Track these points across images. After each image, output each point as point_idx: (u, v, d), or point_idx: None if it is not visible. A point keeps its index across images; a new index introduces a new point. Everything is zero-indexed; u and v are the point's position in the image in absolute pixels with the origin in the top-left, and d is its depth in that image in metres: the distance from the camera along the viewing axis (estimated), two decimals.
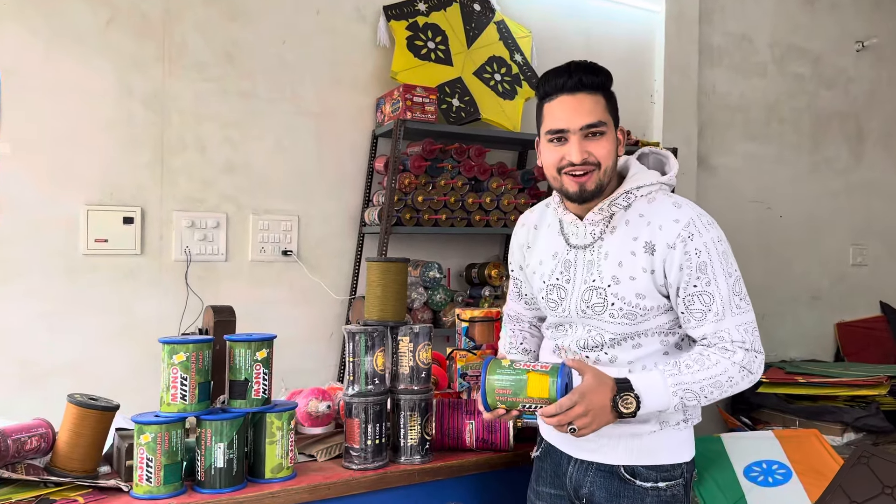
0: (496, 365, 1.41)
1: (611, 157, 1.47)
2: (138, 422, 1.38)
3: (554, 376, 1.36)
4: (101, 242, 2.77)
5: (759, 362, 1.46)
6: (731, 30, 4.37)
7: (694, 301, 1.44)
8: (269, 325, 3.00)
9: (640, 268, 1.46)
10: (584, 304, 1.51)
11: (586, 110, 1.45)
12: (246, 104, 3.02)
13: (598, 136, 1.46)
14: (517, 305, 1.78)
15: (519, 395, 1.37)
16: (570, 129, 1.45)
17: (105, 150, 2.79)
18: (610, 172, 1.48)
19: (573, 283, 1.54)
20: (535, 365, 1.39)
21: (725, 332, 1.43)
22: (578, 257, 1.54)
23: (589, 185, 1.46)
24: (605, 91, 1.49)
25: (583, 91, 1.46)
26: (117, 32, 2.80)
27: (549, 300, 1.58)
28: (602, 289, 1.48)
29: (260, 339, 1.46)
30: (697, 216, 1.46)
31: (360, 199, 3.25)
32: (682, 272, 1.43)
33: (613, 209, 1.50)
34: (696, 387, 1.42)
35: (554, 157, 1.48)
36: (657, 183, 1.52)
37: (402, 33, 3.22)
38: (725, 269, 1.44)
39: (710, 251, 1.43)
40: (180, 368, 1.40)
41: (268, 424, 1.47)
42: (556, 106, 1.47)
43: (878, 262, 5.00)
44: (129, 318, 2.82)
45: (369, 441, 1.56)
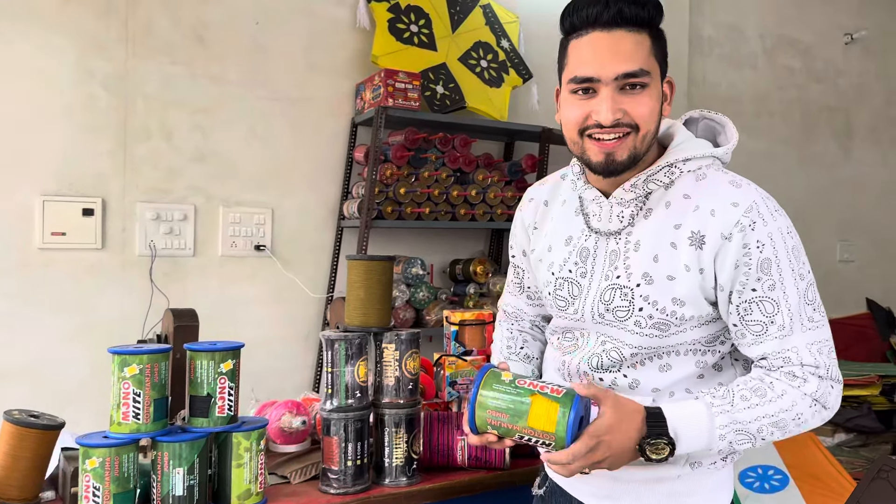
0: (494, 378, 1.11)
1: (653, 119, 1.14)
2: (84, 444, 1.21)
3: (567, 406, 1.06)
4: (58, 236, 2.57)
5: (836, 394, 1.13)
6: (721, 20, 4.29)
7: (752, 310, 1.12)
8: (241, 325, 2.84)
9: (683, 265, 1.13)
10: (604, 307, 1.20)
11: (625, 54, 1.11)
12: (216, 89, 2.83)
13: (639, 88, 1.12)
14: (517, 300, 1.45)
15: (517, 422, 1.08)
16: (602, 79, 1.11)
17: (63, 136, 2.59)
18: (650, 139, 1.15)
19: (590, 279, 1.22)
20: (543, 386, 1.09)
21: (793, 353, 1.11)
22: (600, 246, 1.22)
23: (620, 153, 1.13)
24: (653, 28, 1.15)
25: (622, 27, 1.11)
26: (77, 10, 2.60)
27: (558, 297, 1.27)
28: (628, 289, 1.17)
29: (225, 348, 1.29)
30: (762, 199, 1.13)
31: (338, 190, 3.08)
32: (739, 271, 1.11)
33: (651, 186, 1.17)
34: (753, 427, 1.11)
35: (577, 114, 1.14)
36: (710, 156, 1.20)
37: (383, 15, 3.04)
38: (796, 269, 1.12)
39: (776, 245, 1.11)
40: (133, 383, 1.22)
41: (234, 445, 1.30)
42: (586, 45, 1.13)
43: (864, 258, 4.97)
44: (89, 318, 2.63)
45: (349, 462, 1.39)
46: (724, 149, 1.22)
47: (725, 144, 1.24)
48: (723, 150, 1.21)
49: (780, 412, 1.10)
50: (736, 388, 1.13)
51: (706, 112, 1.29)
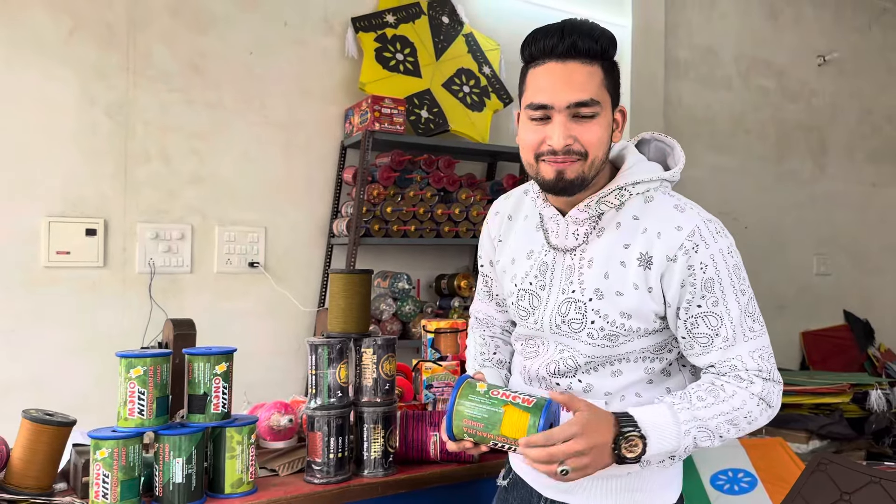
0: (469, 389, 1.20)
1: (602, 147, 1.22)
2: (95, 437, 1.36)
3: (536, 416, 1.14)
4: (62, 255, 2.72)
5: (777, 393, 1.23)
6: (696, 43, 4.44)
7: (698, 324, 1.22)
8: (236, 338, 2.96)
9: (632, 283, 1.23)
10: (560, 318, 1.29)
11: (577, 84, 1.18)
12: (212, 115, 2.99)
13: (589, 118, 1.19)
14: (487, 307, 1.55)
15: (491, 430, 1.16)
16: (556, 106, 1.19)
17: (67, 160, 2.74)
18: (598, 165, 1.22)
19: (548, 291, 1.31)
20: (515, 396, 1.18)
21: (738, 360, 1.21)
22: (557, 261, 1.30)
23: (569, 173, 1.20)
24: (605, 61, 1.22)
25: (576, 59, 1.19)
26: (80, 42, 2.77)
27: (520, 308, 1.35)
28: (582, 302, 1.26)
29: (219, 352, 1.45)
30: (704, 223, 1.22)
31: (328, 210, 3.24)
32: (685, 290, 1.21)
33: (602, 207, 1.26)
34: (713, 423, 1.18)
35: (533, 139, 1.22)
36: (658, 179, 1.27)
37: (370, 45, 3.22)
38: (737, 286, 1.21)
39: (718, 265, 1.20)
40: (137, 383, 1.38)
41: (227, 439, 1.45)
42: (542, 74, 1.21)
43: (841, 271, 5.09)
44: (92, 332, 2.77)
45: (332, 455, 1.55)
46: (671, 172, 1.30)
47: (673, 166, 1.32)
48: (670, 173, 1.30)
49: (733, 410, 1.19)
50: (692, 391, 1.22)
51: (657, 134, 1.38)
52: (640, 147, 1.38)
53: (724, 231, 1.25)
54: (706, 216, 1.25)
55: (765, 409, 1.22)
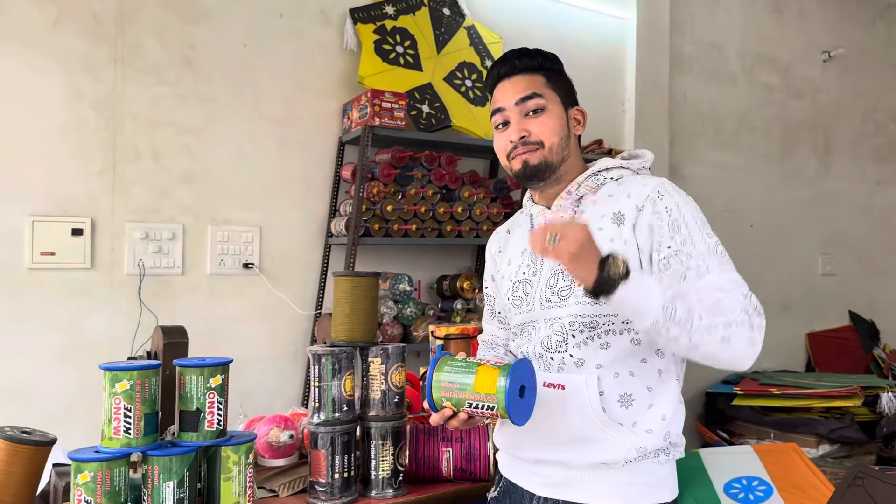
0: (448, 359, 1.28)
1: (556, 133, 1.39)
2: (76, 459, 1.23)
3: (505, 372, 1.20)
4: (47, 256, 2.59)
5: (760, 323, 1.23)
6: (701, 39, 4.36)
7: (670, 263, 1.28)
8: (229, 343, 2.85)
9: (609, 239, 1.33)
10: (550, 291, 1.39)
11: (520, 87, 1.40)
12: (205, 109, 2.86)
13: (538, 112, 1.39)
14: (491, 326, 1.64)
15: (465, 390, 1.21)
16: (506, 107, 1.40)
17: (52, 157, 2.61)
18: (558, 150, 1.39)
19: (539, 274, 1.43)
20: (487, 360, 1.26)
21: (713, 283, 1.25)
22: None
23: (532, 159, 1.37)
24: (545, 71, 1.43)
25: (518, 73, 1.41)
26: (66, 32, 2.64)
27: (515, 298, 1.46)
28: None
29: (214, 363, 1.32)
30: (668, 183, 1.37)
31: (325, 208, 3.11)
32: (653, 233, 1.30)
33: (581, 191, 1.42)
34: (693, 296, 1.21)
35: (501, 143, 1.43)
36: (627, 168, 1.44)
37: (369, 37, 3.10)
38: (703, 229, 1.31)
39: (682, 211, 1.31)
40: (123, 398, 1.25)
41: (223, 459, 1.33)
42: (497, 92, 1.44)
43: (846, 271, 5.02)
44: (78, 337, 2.64)
45: (337, 474, 1.42)
46: (637, 162, 1.46)
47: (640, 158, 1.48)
48: (637, 162, 1.46)
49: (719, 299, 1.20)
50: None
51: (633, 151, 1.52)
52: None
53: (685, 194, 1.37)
54: (672, 183, 1.38)
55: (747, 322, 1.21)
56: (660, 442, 1.32)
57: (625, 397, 1.32)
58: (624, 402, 1.32)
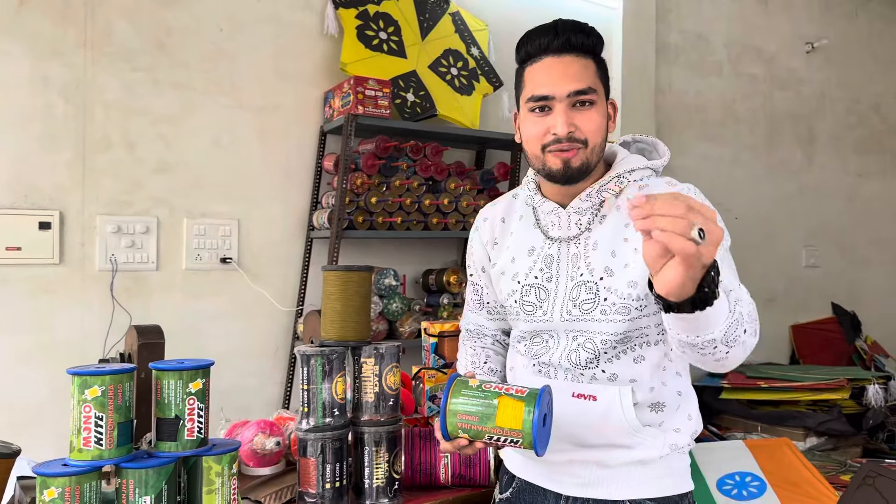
0: (462, 385, 1.17)
1: (600, 133, 1.28)
2: (42, 474, 1.12)
3: (531, 404, 1.13)
4: (12, 251, 2.46)
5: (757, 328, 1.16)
6: (687, 28, 4.31)
7: None
8: (207, 341, 2.74)
9: (633, 248, 1.25)
10: (572, 304, 1.30)
11: (575, 75, 1.25)
12: (180, 97, 2.74)
13: (588, 105, 1.26)
14: (478, 317, 1.54)
15: (486, 423, 1.13)
16: (556, 96, 1.25)
17: (18, 146, 2.47)
18: (598, 152, 1.29)
19: (556, 282, 1.32)
20: (509, 388, 1.16)
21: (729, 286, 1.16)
22: (562, 251, 1.33)
23: (574, 161, 1.26)
24: (596, 56, 1.30)
25: (571, 53, 1.27)
26: (32, 14, 2.50)
27: (525, 303, 1.35)
28: (593, 283, 1.28)
29: (194, 367, 1.21)
30: (694, 188, 1.29)
31: (307, 200, 3.00)
32: None
33: (603, 195, 1.31)
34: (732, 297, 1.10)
35: (537, 130, 1.28)
36: (647, 167, 1.35)
37: (351, 22, 2.99)
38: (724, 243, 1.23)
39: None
40: (94, 406, 1.14)
41: (204, 470, 1.22)
42: (540, 69, 1.28)
43: (829, 263, 5.03)
44: (47, 337, 2.51)
45: (328, 484, 1.32)
46: (660, 161, 1.37)
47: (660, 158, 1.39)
48: (660, 162, 1.37)
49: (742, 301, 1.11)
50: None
51: (637, 136, 1.45)
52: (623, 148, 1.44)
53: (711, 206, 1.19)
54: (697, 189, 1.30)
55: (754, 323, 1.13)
56: (688, 439, 1.34)
57: (656, 405, 1.31)
58: (655, 408, 1.31)
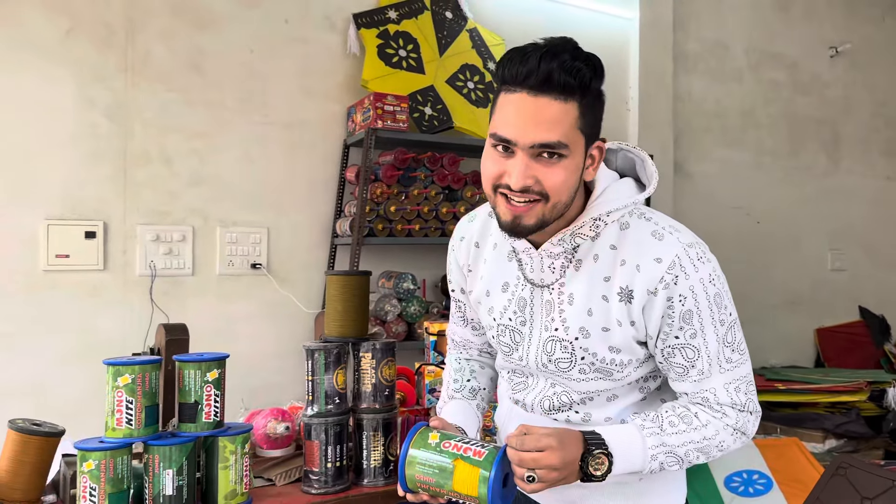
0: (421, 441, 1.15)
1: (565, 190, 1.11)
2: (81, 448, 1.31)
3: (487, 469, 1.09)
4: (62, 258, 2.68)
5: (753, 423, 1.22)
6: (705, 36, 4.36)
7: (675, 354, 1.20)
8: (238, 341, 2.93)
9: (615, 319, 1.19)
10: (546, 357, 1.25)
11: (546, 123, 1.07)
12: (213, 115, 2.95)
13: (556, 158, 1.09)
14: (463, 330, 1.48)
15: (443, 485, 1.11)
16: (519, 143, 1.09)
17: (66, 162, 2.70)
18: (560, 208, 1.13)
19: (530, 328, 1.26)
20: (467, 448, 1.12)
21: (710, 393, 1.20)
22: (535, 296, 1.25)
23: (528, 219, 1.12)
24: (585, 95, 1.10)
25: (550, 93, 1.07)
26: (77, 42, 2.73)
27: (502, 343, 1.31)
28: (567, 341, 1.22)
29: (210, 358, 1.39)
30: (684, 250, 1.16)
31: (331, 209, 3.19)
32: (663, 321, 1.18)
33: (577, 240, 1.18)
34: (681, 451, 1.18)
35: (492, 170, 1.12)
36: (632, 203, 1.19)
37: (372, 41, 3.17)
38: (716, 316, 1.18)
39: (697, 297, 1.16)
40: (125, 391, 1.33)
41: (220, 449, 1.40)
42: (511, 105, 1.09)
43: (856, 266, 5.00)
44: (92, 337, 2.73)
45: (330, 464, 1.49)
46: (643, 195, 1.21)
47: (643, 178, 1.24)
48: (643, 195, 1.21)
49: (705, 440, 1.19)
50: (665, 414, 1.20)
51: (624, 144, 1.28)
52: (607, 157, 1.29)
53: (706, 255, 1.19)
54: (687, 240, 1.18)
55: (739, 437, 1.21)
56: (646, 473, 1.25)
57: None
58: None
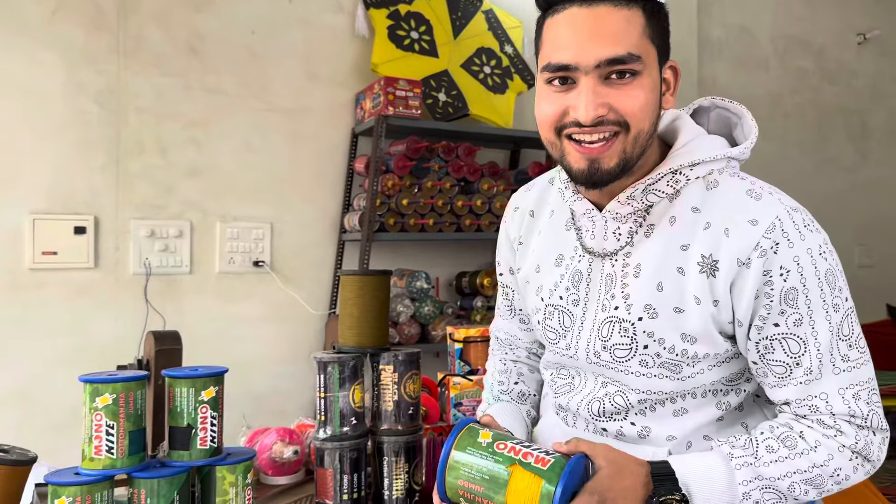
0: (469, 439, 0.94)
1: (647, 115, 0.92)
2: (53, 483, 1.10)
3: (553, 481, 0.88)
4: (49, 255, 2.49)
5: (879, 445, 0.95)
6: (730, 22, 4.18)
7: (774, 348, 0.95)
8: (239, 345, 2.74)
9: (693, 296, 0.96)
10: (601, 344, 1.02)
11: (610, 35, 0.89)
12: (212, 101, 2.74)
13: (628, 77, 0.90)
14: (510, 324, 1.27)
15: (492, 496, 0.90)
16: (581, 66, 0.90)
17: (53, 152, 2.51)
18: (644, 139, 0.94)
19: (584, 308, 1.04)
20: (527, 453, 0.91)
21: (821, 400, 0.94)
22: (594, 268, 1.03)
23: (607, 160, 0.92)
24: (648, 0, 0.92)
25: (607, 1, 0.90)
26: (66, 23, 2.53)
27: (548, 329, 1.09)
28: (629, 322, 0.99)
29: (206, 374, 1.18)
30: (788, 214, 0.94)
31: (339, 203, 2.98)
32: (759, 302, 0.94)
33: (651, 198, 0.98)
34: (783, 484, 0.93)
35: (552, 110, 0.94)
36: (724, 157, 0.99)
37: (382, 22, 2.96)
38: (829, 299, 0.93)
39: (804, 271, 0.92)
40: (105, 414, 1.12)
41: (218, 480, 1.19)
42: (562, 24, 0.91)
43: (884, 263, 4.82)
44: (83, 340, 2.54)
45: (345, 495, 1.28)
46: (739, 148, 1.01)
47: (741, 140, 1.03)
48: (739, 149, 1.00)
49: (814, 467, 0.93)
50: (760, 437, 0.96)
51: (718, 100, 1.09)
52: (696, 117, 1.09)
53: (815, 224, 0.97)
54: (790, 204, 0.96)
55: (861, 465, 0.94)
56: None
57: None
58: None
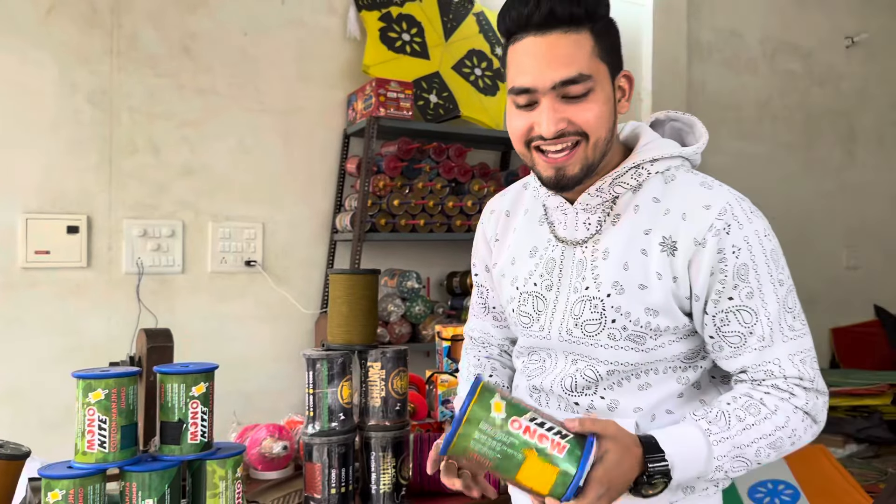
0: (481, 409, 0.92)
1: (603, 124, 1.04)
2: (46, 476, 1.12)
3: (573, 463, 0.90)
4: (41, 254, 2.50)
5: (823, 406, 1.05)
6: (719, 25, 4.22)
7: (729, 320, 1.05)
8: (232, 344, 2.76)
9: (655, 272, 1.06)
10: (572, 321, 1.11)
11: (562, 58, 1.01)
12: (204, 101, 2.76)
13: (582, 95, 1.02)
14: (483, 323, 1.35)
15: (507, 473, 0.92)
16: (539, 88, 1.02)
17: (46, 151, 2.52)
18: (603, 145, 1.06)
19: (557, 292, 1.13)
20: (542, 436, 0.91)
21: (775, 365, 1.04)
22: (567, 256, 1.13)
23: (571, 167, 1.05)
24: (595, 23, 1.03)
25: (557, 28, 1.01)
26: (59, 22, 2.54)
27: (522, 314, 1.17)
28: (598, 300, 1.08)
29: (197, 370, 1.21)
30: (737, 201, 1.06)
31: (330, 203, 3.00)
32: (714, 279, 1.04)
33: (617, 190, 1.10)
34: (751, 451, 1.02)
35: (520, 125, 1.06)
36: (678, 156, 1.12)
37: (374, 24, 2.98)
38: (775, 274, 1.04)
39: (753, 249, 1.03)
40: (98, 409, 1.14)
41: (208, 474, 1.22)
42: (522, 52, 1.03)
43: (871, 264, 4.87)
44: (75, 339, 2.55)
45: (333, 489, 1.31)
46: (692, 148, 1.14)
47: (696, 143, 1.16)
48: (692, 149, 1.14)
49: (776, 430, 1.03)
50: (729, 409, 1.04)
51: (672, 113, 1.21)
52: (654, 128, 1.22)
53: (759, 212, 1.08)
54: (737, 193, 1.09)
55: (810, 426, 1.05)
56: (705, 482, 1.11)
57: None
58: None
